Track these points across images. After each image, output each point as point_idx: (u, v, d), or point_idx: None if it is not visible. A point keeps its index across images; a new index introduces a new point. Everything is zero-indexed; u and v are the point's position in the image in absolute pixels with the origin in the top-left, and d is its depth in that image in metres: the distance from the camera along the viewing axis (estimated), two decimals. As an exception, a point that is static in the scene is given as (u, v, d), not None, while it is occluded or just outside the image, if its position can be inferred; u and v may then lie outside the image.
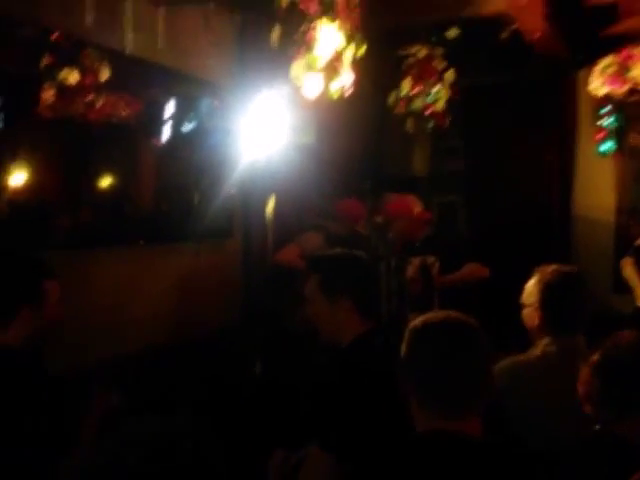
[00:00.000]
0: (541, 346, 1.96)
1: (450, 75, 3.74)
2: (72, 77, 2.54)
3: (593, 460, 1.70)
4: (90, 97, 2.65)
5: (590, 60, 4.12)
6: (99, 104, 2.70)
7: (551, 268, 1.98)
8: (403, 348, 1.33)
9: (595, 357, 1.49)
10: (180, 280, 3.31)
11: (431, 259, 3.44)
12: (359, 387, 1.66)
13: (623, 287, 4.91)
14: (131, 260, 3.02)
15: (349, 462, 1.56)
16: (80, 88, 2.58)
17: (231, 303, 3.71)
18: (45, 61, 2.44)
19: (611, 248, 5.00)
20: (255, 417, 3.35)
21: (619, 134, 4.76)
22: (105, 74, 2.68)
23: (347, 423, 1.63)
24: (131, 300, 3.00)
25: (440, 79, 3.73)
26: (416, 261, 3.42)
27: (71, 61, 2.52)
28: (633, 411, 1.43)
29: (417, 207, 3.68)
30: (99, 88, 2.65)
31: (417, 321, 1.35)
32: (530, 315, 1.99)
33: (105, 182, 2.93)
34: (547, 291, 1.94)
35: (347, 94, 2.75)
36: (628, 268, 3.69)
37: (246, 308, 3.76)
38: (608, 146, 4.76)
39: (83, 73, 2.57)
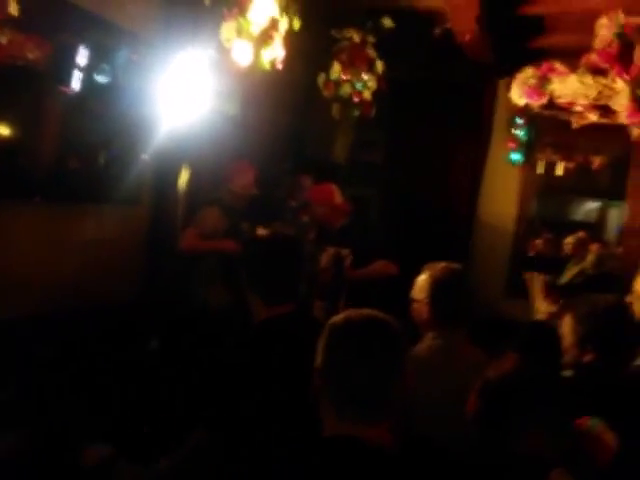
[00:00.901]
0: (428, 340, 2.03)
1: (380, 66, 3.72)
2: (-25, 9, 2.29)
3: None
4: (-5, 33, 2.39)
5: (513, 69, 4.25)
6: (4, 42, 2.44)
7: (440, 265, 2.07)
8: (321, 344, 1.27)
9: (479, 382, 1.50)
10: (79, 244, 3.09)
11: (345, 251, 3.47)
12: (244, 372, 1.62)
13: (514, 293, 5.18)
14: (25, 217, 2.78)
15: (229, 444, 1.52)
16: (-16, 22, 2.33)
17: (132, 274, 3.51)
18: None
19: (507, 255, 5.25)
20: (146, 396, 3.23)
21: (529, 146, 4.99)
22: (14, 10, 2.42)
23: (228, 407, 1.59)
24: (20, 261, 2.77)
25: (370, 68, 3.71)
26: (330, 251, 3.42)
27: (-24, -10, 2.27)
28: (515, 432, 1.44)
29: (339, 197, 3.67)
30: (5, 24, 2.40)
31: (337, 318, 1.30)
32: (419, 309, 2.05)
33: (2, 129, 2.66)
34: (437, 287, 2.01)
35: (279, 67, 2.65)
36: (528, 282, 3.91)
37: (149, 281, 3.58)
38: (517, 156, 4.97)
39: (-11, 6, 2.31)
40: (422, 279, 2.07)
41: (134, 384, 3.20)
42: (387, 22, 3.51)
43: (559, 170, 6.28)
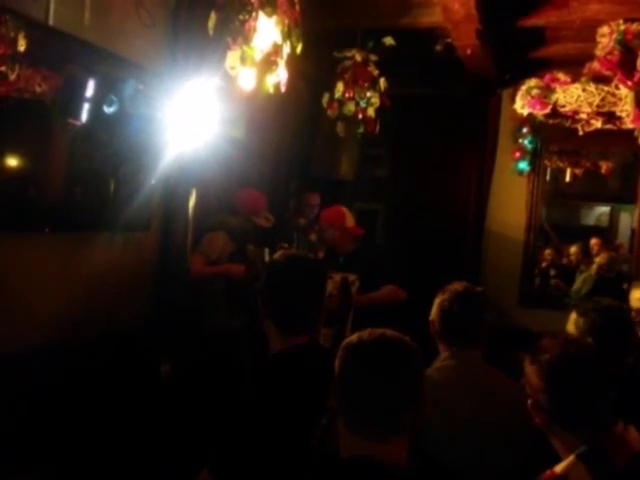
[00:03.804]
0: (440, 361, 2.04)
1: (383, 83, 3.75)
2: (-16, 45, 2.33)
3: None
4: (3, 68, 2.43)
5: (516, 81, 4.27)
6: (12, 77, 2.48)
7: (449, 287, 2.08)
8: (336, 365, 1.28)
9: (539, 365, 1.50)
10: (89, 272, 3.10)
11: (352, 277, 3.37)
12: (264, 411, 1.53)
13: (527, 302, 5.16)
14: (35, 248, 2.80)
15: None
16: (-8, 57, 2.37)
17: (142, 300, 3.53)
18: (-46, 24, 2.22)
19: (519, 264, 5.23)
20: (161, 419, 3.23)
21: (534, 154, 4.99)
22: (22, 45, 2.46)
23: (238, 445, 1.50)
24: (34, 291, 2.79)
25: (373, 85, 3.73)
26: (337, 277, 3.32)
27: (-16, 27, 2.31)
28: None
29: (350, 220, 3.62)
30: (14, 59, 2.44)
31: (352, 338, 1.30)
32: (432, 331, 2.09)
33: (11, 162, 2.69)
34: (441, 309, 2.04)
35: (282, 90, 2.67)
36: None
37: (159, 307, 3.59)
38: (523, 165, 4.97)
39: (-3, 41, 2.36)
40: (435, 301, 2.10)
41: (146, 410, 3.20)
42: (388, 40, 3.54)
43: (567, 177, 6.29)
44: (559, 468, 1.40)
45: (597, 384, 1.45)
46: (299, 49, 2.69)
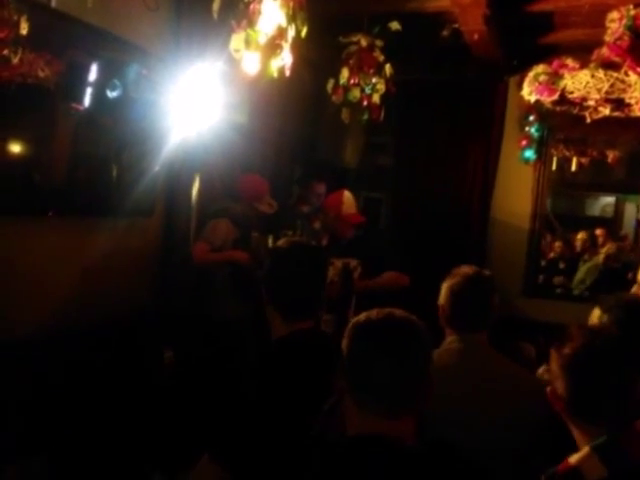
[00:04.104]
0: (446, 344, 2.04)
1: (388, 69, 3.71)
2: (-14, 28, 2.30)
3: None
4: (5, 52, 2.41)
5: (523, 67, 4.23)
6: (15, 61, 2.46)
7: (458, 270, 2.07)
8: (344, 344, 1.29)
9: (560, 359, 1.48)
10: (93, 257, 3.09)
11: (354, 263, 3.35)
12: (268, 396, 1.54)
13: (531, 292, 5.14)
14: (38, 232, 2.79)
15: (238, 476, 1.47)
16: (-5, 41, 2.35)
17: (146, 285, 3.52)
18: (-45, 7, 2.20)
19: (524, 253, 5.20)
20: (165, 407, 3.23)
21: (541, 143, 4.95)
22: (25, 28, 2.44)
23: (240, 432, 1.51)
24: (36, 276, 2.78)
25: (379, 71, 3.70)
26: (338, 263, 3.30)
27: (-14, 10, 2.28)
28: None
29: (350, 206, 3.58)
30: (17, 43, 2.42)
31: (359, 317, 1.31)
32: (441, 315, 2.08)
33: (14, 146, 2.68)
34: (451, 292, 2.03)
35: (287, 74, 2.65)
36: None
37: (163, 292, 3.58)
38: (530, 154, 4.93)
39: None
40: (443, 285, 2.09)
41: (148, 397, 3.21)
42: (394, 25, 3.50)
43: (573, 166, 6.25)
44: (574, 459, 1.39)
45: (616, 379, 1.42)
46: (304, 33, 2.67)
